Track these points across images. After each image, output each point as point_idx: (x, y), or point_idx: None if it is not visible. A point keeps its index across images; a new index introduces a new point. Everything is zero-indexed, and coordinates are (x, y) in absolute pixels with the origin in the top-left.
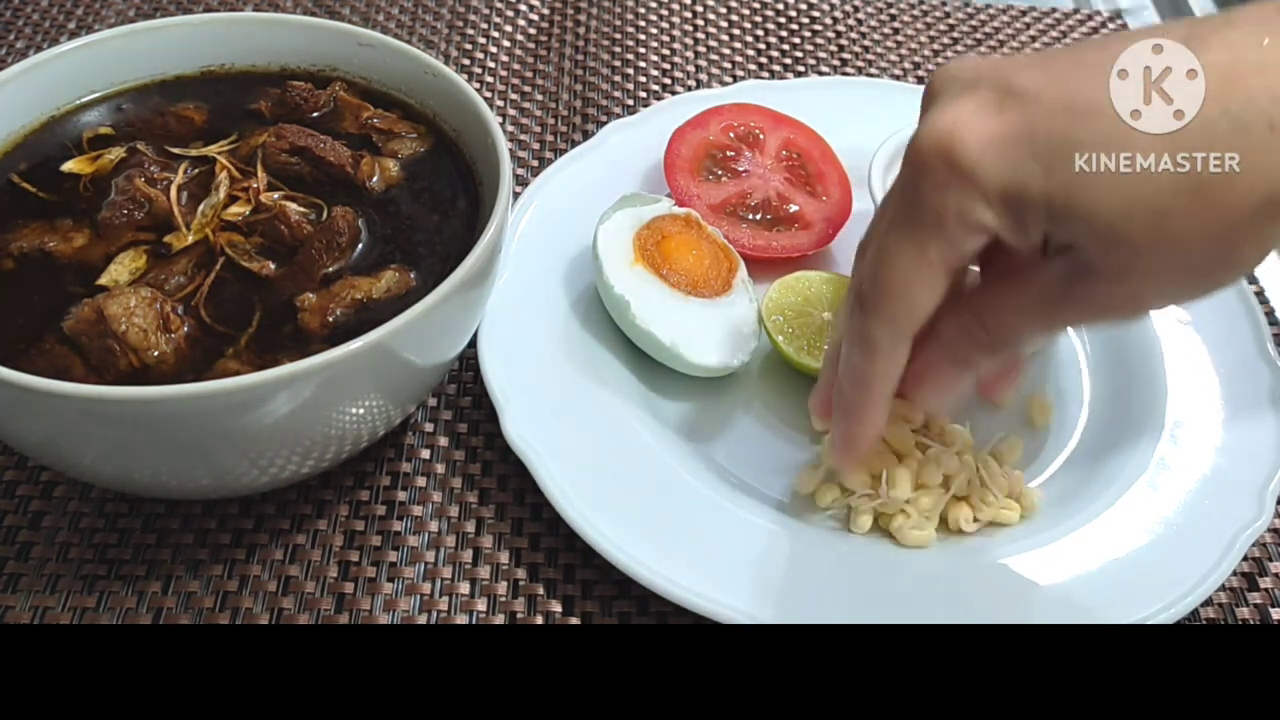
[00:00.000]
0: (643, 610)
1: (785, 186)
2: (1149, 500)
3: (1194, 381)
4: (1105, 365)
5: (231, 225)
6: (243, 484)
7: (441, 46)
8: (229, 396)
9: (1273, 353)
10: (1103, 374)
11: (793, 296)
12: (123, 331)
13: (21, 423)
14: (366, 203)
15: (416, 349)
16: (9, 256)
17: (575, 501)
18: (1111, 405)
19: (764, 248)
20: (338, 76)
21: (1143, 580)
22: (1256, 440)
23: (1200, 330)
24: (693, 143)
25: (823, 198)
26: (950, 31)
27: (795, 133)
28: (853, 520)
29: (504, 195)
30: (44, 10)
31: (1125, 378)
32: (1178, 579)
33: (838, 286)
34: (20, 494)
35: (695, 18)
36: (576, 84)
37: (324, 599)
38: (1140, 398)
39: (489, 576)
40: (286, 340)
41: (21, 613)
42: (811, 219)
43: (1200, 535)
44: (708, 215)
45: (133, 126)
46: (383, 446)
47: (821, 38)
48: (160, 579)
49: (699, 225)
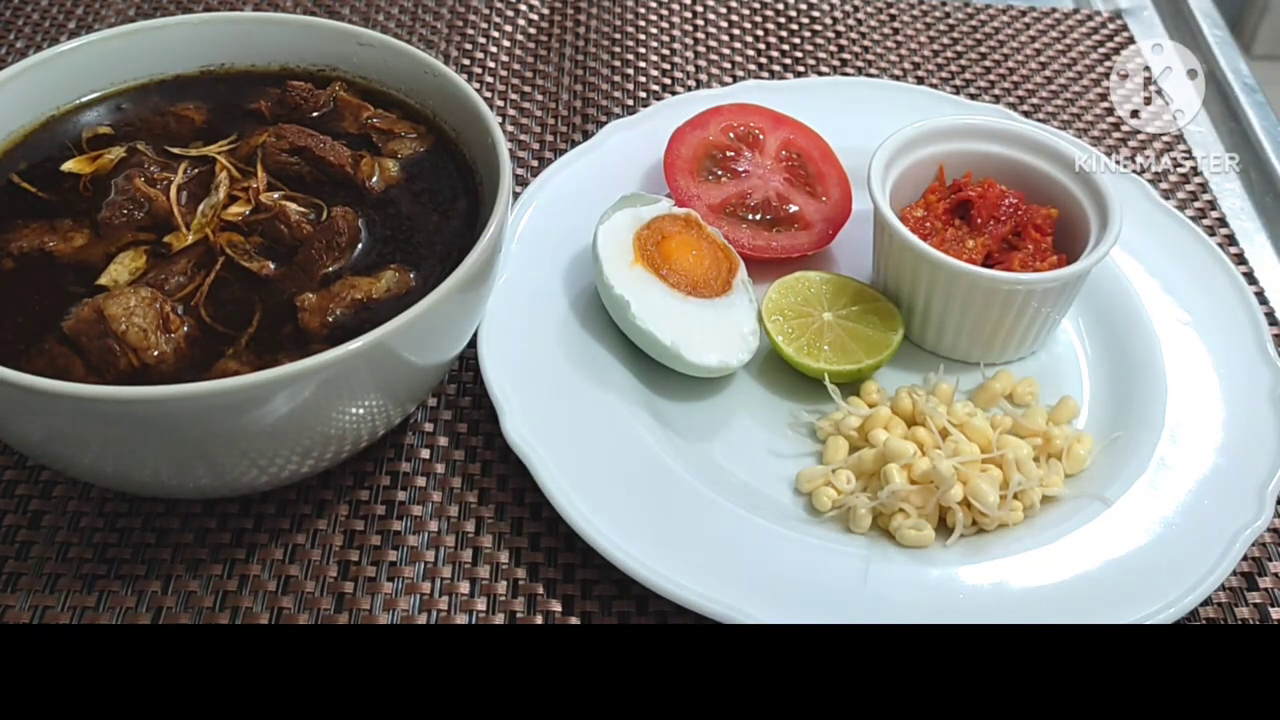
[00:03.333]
0: (642, 609)
1: (785, 187)
2: (1149, 500)
3: (1194, 381)
4: (1105, 365)
5: (231, 225)
6: (242, 483)
7: (441, 46)
8: (229, 396)
9: (1273, 353)
10: (1103, 374)
11: (792, 297)
12: (123, 331)
13: (21, 422)
14: (366, 203)
15: (416, 349)
16: (9, 256)
17: (575, 501)
18: (1111, 405)
19: (764, 248)
20: (338, 76)
21: (1142, 580)
22: (1256, 440)
23: (1200, 330)
24: (693, 143)
25: (822, 198)
26: (950, 31)
27: (795, 133)
28: (852, 520)
29: (504, 195)
30: (44, 10)
31: (1125, 378)
32: (1178, 579)
33: (838, 287)
34: (20, 493)
35: (695, 17)
36: (576, 84)
37: (324, 598)
38: (1140, 398)
39: (489, 576)
40: (286, 340)
41: (21, 612)
42: (811, 219)
43: (1200, 535)
44: (707, 215)
45: (132, 126)
46: (382, 446)
47: (821, 38)
48: (160, 578)
49: (699, 226)
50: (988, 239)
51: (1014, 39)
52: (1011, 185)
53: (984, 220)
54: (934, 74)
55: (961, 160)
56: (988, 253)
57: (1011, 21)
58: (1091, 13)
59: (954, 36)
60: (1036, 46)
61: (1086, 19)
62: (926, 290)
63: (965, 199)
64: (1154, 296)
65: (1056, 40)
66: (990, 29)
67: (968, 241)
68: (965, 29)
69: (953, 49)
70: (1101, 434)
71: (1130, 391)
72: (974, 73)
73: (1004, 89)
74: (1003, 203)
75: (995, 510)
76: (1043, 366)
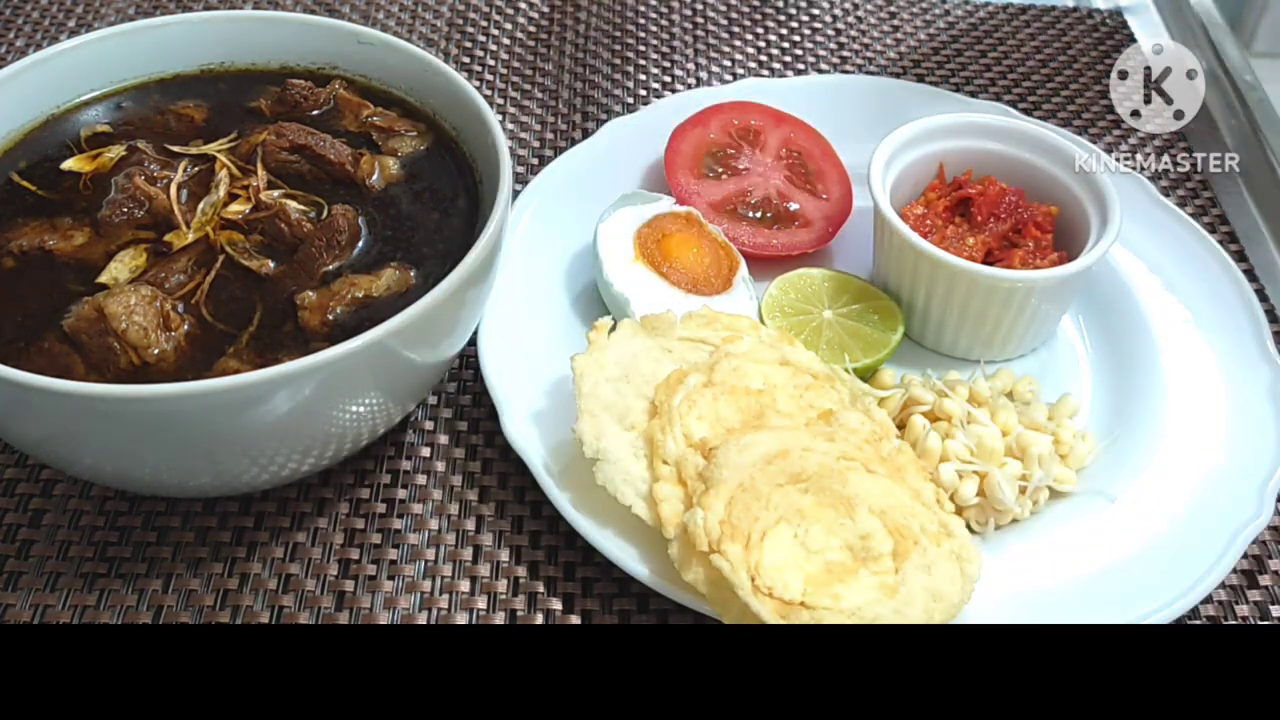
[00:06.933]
0: (643, 608)
1: (785, 185)
2: (1149, 498)
3: (1194, 379)
4: (1105, 363)
5: (231, 223)
6: (243, 482)
7: (441, 45)
8: (229, 395)
9: (1273, 350)
10: (1103, 372)
11: (793, 294)
12: (123, 330)
13: (22, 421)
14: (366, 201)
15: (416, 347)
16: (9, 255)
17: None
18: (1111, 403)
19: (764, 245)
20: (337, 74)
21: (1143, 579)
22: (1256, 438)
23: (1201, 328)
24: (694, 140)
25: (823, 196)
26: (950, 29)
27: (796, 131)
28: None
29: (504, 193)
30: (44, 8)
31: (1125, 376)
32: (1178, 578)
33: (839, 285)
34: (20, 492)
35: (695, 15)
36: (576, 82)
37: (324, 597)
38: (1140, 396)
39: (489, 574)
40: (287, 339)
41: (22, 611)
42: (812, 217)
43: (1200, 533)
44: (708, 213)
45: (132, 125)
46: (382, 444)
47: (821, 36)
48: (160, 577)
49: (699, 224)
50: (988, 236)
51: (1014, 37)
52: (1011, 183)
53: (984, 218)
54: (934, 71)
55: (962, 158)
56: (988, 250)
57: (1011, 19)
58: (1091, 10)
59: (954, 34)
60: (1036, 44)
61: (1086, 16)
62: (927, 288)
63: (965, 196)
64: (1154, 294)
65: (1056, 38)
66: (990, 27)
67: (968, 239)
68: (965, 26)
69: (952, 47)
70: (1101, 431)
71: (1130, 390)
72: (974, 70)
73: (1004, 87)
74: (1003, 200)
75: (1014, 505)
76: (1043, 364)
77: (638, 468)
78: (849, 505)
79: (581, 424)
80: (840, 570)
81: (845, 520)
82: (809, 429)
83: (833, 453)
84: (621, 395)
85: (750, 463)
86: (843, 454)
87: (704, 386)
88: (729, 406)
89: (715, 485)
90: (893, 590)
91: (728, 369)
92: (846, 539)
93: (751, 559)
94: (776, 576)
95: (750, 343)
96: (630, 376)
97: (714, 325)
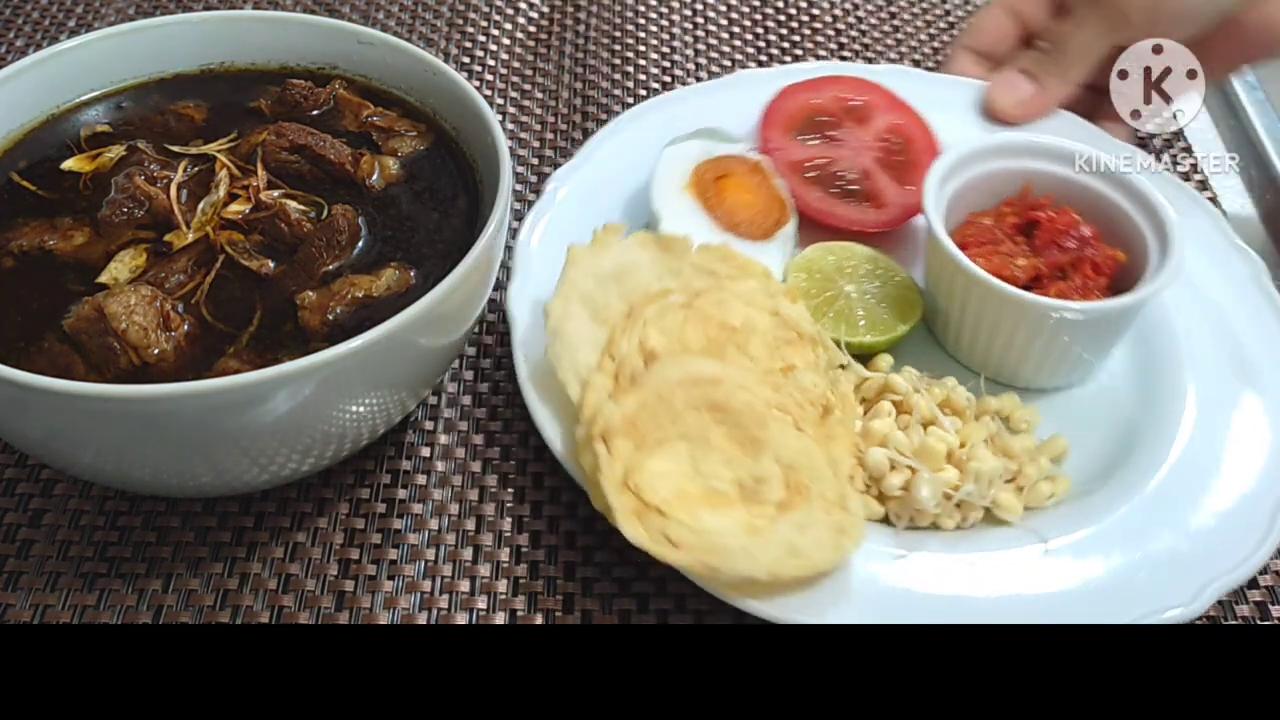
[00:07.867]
0: (643, 608)
1: (874, 165)
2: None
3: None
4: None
5: (231, 223)
6: (243, 482)
7: (441, 44)
8: (229, 395)
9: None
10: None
11: (827, 260)
12: (123, 330)
13: (22, 421)
14: (366, 201)
15: (417, 347)
16: (9, 255)
17: None
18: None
19: (826, 213)
20: (337, 74)
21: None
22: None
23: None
24: (800, 101)
25: (908, 187)
26: (950, 30)
27: (908, 119)
28: None
29: (504, 193)
30: (44, 8)
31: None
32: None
33: (876, 265)
34: (20, 491)
35: (695, 14)
36: (576, 82)
37: (324, 597)
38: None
39: (489, 574)
40: (287, 338)
41: (22, 610)
42: (886, 201)
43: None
44: (784, 169)
45: (132, 124)
46: (383, 444)
47: (821, 35)
48: (160, 577)
49: (764, 173)
50: (1040, 262)
51: None
52: (1094, 220)
53: (1045, 244)
54: (934, 70)
55: (1048, 181)
56: (1035, 275)
57: None
58: None
59: (954, 34)
60: None
61: None
62: (961, 300)
63: (1035, 219)
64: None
65: None
66: None
67: (1019, 259)
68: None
69: (952, 44)
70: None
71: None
72: None
73: None
74: (1071, 232)
75: (930, 507)
76: (1067, 403)
77: (590, 358)
78: (757, 447)
79: (554, 302)
80: (718, 499)
81: (748, 460)
82: (765, 376)
83: (767, 400)
84: (605, 292)
85: (676, 379)
86: (779, 405)
87: (682, 307)
88: (696, 331)
89: (637, 388)
90: (755, 531)
91: (712, 299)
92: (740, 476)
93: (637, 460)
94: (650, 482)
95: (752, 286)
96: (622, 279)
97: (727, 262)
